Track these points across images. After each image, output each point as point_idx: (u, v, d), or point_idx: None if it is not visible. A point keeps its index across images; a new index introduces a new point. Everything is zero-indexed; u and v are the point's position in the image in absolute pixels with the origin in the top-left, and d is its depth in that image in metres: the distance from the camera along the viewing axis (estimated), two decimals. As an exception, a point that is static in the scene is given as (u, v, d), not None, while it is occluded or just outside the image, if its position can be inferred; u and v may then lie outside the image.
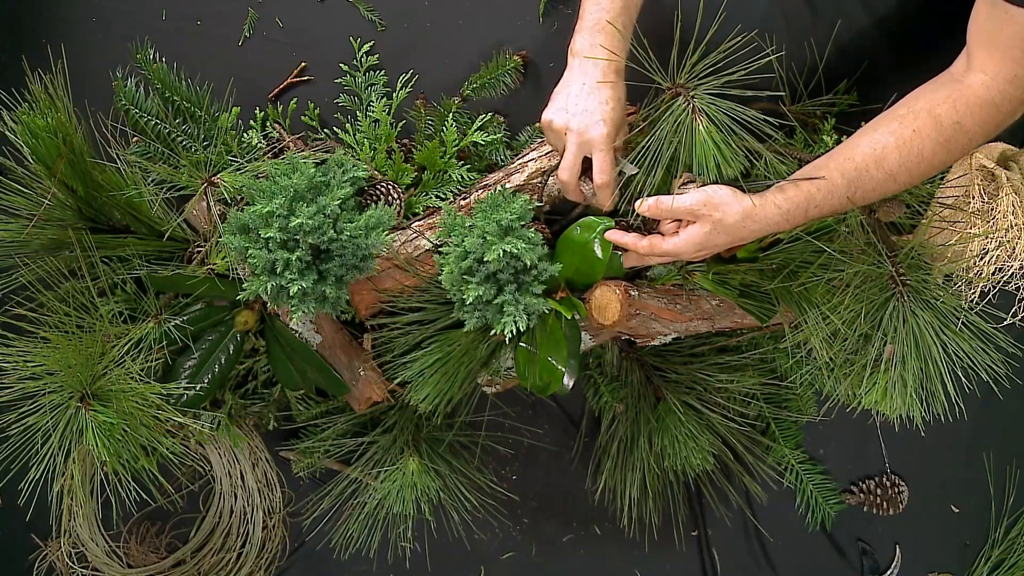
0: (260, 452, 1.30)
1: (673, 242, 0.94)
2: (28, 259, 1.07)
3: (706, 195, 0.91)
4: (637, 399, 1.25)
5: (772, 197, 0.90)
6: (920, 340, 0.93)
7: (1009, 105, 0.86)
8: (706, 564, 1.36)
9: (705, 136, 0.92)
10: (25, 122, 0.96)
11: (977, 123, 0.86)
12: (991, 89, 0.85)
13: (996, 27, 0.82)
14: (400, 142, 1.19)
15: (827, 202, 0.90)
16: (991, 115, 0.86)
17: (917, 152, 0.87)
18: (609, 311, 1.07)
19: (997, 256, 1.04)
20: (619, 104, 0.97)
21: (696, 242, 0.92)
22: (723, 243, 0.93)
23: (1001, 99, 0.85)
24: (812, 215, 0.91)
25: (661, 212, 0.94)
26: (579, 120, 0.96)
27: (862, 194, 0.90)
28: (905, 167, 0.88)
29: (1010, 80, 0.84)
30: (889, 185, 0.90)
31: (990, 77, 0.85)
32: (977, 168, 1.07)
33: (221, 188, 1.05)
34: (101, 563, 1.29)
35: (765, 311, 1.08)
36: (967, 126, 0.86)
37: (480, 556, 1.35)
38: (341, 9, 1.21)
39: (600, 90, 0.96)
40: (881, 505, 1.33)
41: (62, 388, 0.96)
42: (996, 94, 0.85)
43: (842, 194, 0.89)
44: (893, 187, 0.90)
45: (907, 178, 0.89)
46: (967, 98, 0.86)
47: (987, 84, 0.85)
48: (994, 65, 0.85)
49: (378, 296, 1.14)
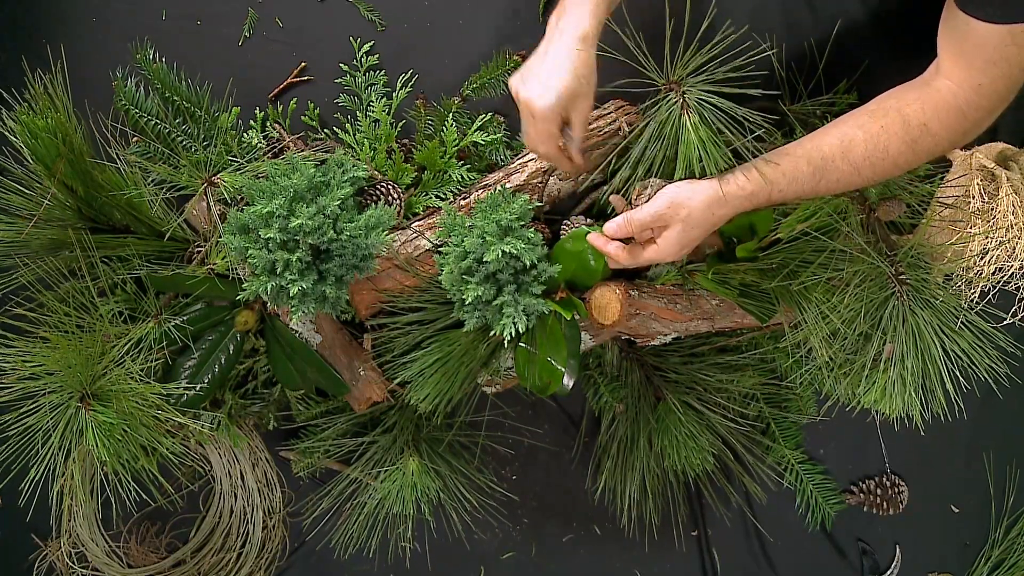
0: (260, 452, 1.30)
1: (653, 249, 0.95)
2: (28, 259, 1.07)
3: (667, 198, 0.92)
4: (637, 399, 1.25)
5: (736, 179, 0.90)
6: (920, 339, 0.93)
7: (975, 113, 0.86)
8: (706, 564, 1.36)
9: (692, 134, 0.92)
10: (25, 122, 0.96)
11: (943, 127, 0.87)
12: (958, 96, 0.86)
13: (960, 37, 0.83)
14: (400, 142, 1.19)
15: (791, 188, 0.90)
16: (957, 121, 0.86)
17: (883, 148, 0.88)
18: (609, 311, 1.07)
19: (997, 256, 1.04)
20: (576, 73, 0.91)
21: (673, 244, 0.94)
22: (700, 235, 0.94)
23: (967, 106, 0.86)
24: (775, 199, 0.91)
25: (631, 229, 0.95)
26: (528, 88, 0.92)
27: (826, 184, 0.90)
28: (870, 161, 0.88)
29: (975, 89, 0.84)
30: (853, 178, 0.90)
31: (956, 84, 0.85)
32: (977, 168, 1.07)
33: (221, 188, 1.05)
34: (101, 563, 1.29)
35: (765, 311, 1.08)
36: (933, 129, 0.87)
37: (480, 556, 1.35)
38: (341, 9, 1.21)
39: (557, 57, 0.91)
40: (881, 505, 1.33)
41: (62, 388, 0.96)
42: (963, 101, 0.86)
43: (806, 181, 0.90)
44: (857, 181, 0.90)
45: (871, 173, 0.89)
46: (935, 102, 0.87)
47: (954, 91, 0.86)
48: (960, 73, 0.85)
49: (378, 296, 1.14)
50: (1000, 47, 0.80)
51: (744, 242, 1.09)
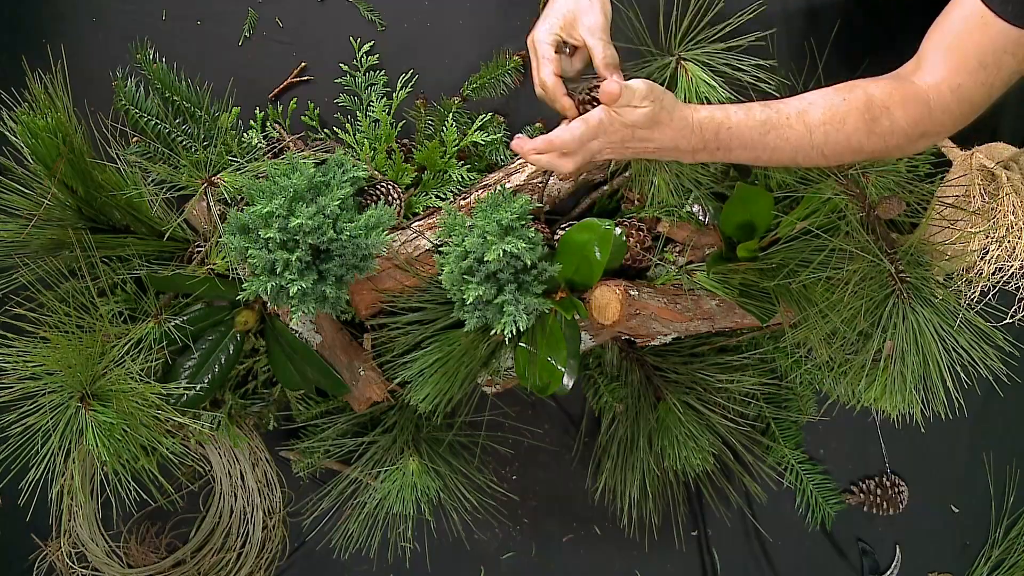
0: (260, 452, 1.30)
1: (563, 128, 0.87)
2: (28, 259, 1.07)
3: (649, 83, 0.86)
4: (637, 399, 1.25)
5: (692, 106, 0.87)
6: (920, 337, 0.93)
7: (941, 115, 0.85)
8: (706, 564, 1.36)
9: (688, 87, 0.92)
10: (25, 122, 0.96)
11: (905, 116, 0.85)
12: (930, 92, 0.85)
13: (966, 33, 0.82)
14: (400, 142, 1.19)
15: (739, 129, 0.86)
16: (921, 115, 0.85)
17: (840, 118, 0.86)
18: (609, 311, 1.07)
19: (997, 256, 1.04)
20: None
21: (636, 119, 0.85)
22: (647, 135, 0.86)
23: (936, 104, 0.85)
24: (722, 137, 0.86)
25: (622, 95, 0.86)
26: (536, 27, 0.92)
27: (775, 137, 0.86)
28: (823, 128, 0.86)
29: (953, 89, 0.84)
30: (804, 142, 0.87)
31: (934, 81, 0.85)
32: (977, 168, 1.07)
33: (221, 188, 1.05)
34: (101, 563, 1.29)
35: (765, 311, 1.08)
36: (895, 115, 0.85)
37: (480, 556, 1.35)
38: (341, 9, 1.21)
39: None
40: (881, 505, 1.33)
41: (62, 388, 0.96)
42: (934, 98, 0.85)
43: (756, 128, 0.86)
44: (807, 146, 0.87)
45: (822, 140, 0.87)
46: (904, 91, 0.86)
47: (929, 86, 0.85)
48: (944, 70, 0.84)
49: (378, 296, 1.14)
50: (1000, 52, 0.80)
51: (744, 242, 1.10)
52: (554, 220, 1.19)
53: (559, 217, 1.19)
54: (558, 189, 1.16)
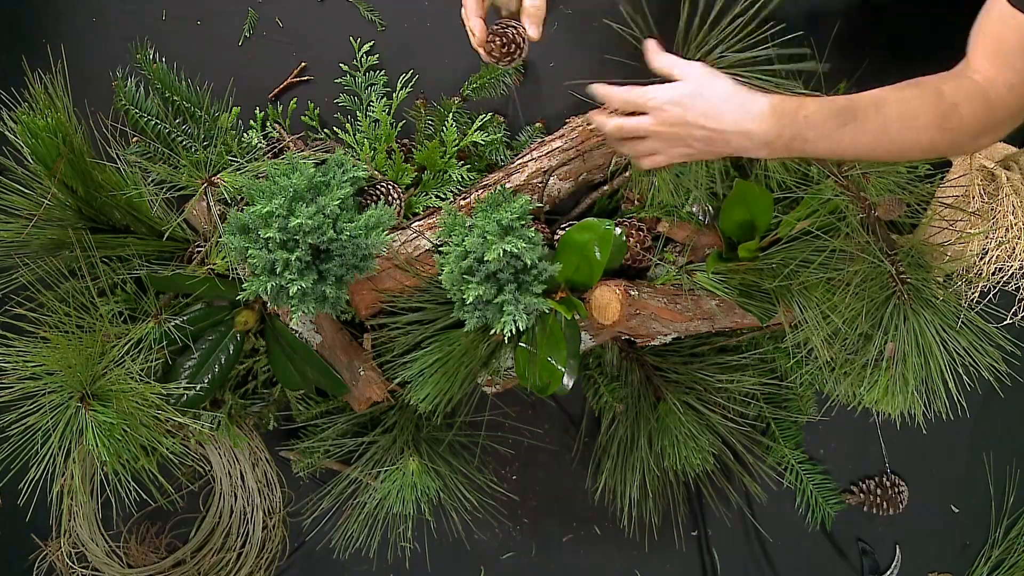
0: (260, 452, 1.30)
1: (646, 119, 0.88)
2: (28, 259, 1.07)
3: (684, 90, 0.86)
4: (637, 399, 1.25)
5: (761, 93, 0.87)
6: (921, 338, 0.93)
7: (1002, 111, 0.85)
8: (706, 564, 1.36)
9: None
10: (25, 122, 0.96)
11: (971, 113, 0.85)
12: (989, 90, 0.85)
13: (1005, 33, 0.82)
14: (400, 142, 1.19)
15: (817, 115, 0.85)
16: (985, 112, 0.85)
17: (913, 114, 0.85)
18: (609, 311, 1.07)
19: (997, 256, 1.04)
20: None
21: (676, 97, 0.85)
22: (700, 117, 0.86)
23: (997, 102, 0.85)
24: (799, 123, 0.85)
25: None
26: None
27: (852, 131, 0.85)
28: (898, 124, 0.85)
29: (1008, 87, 0.84)
30: (880, 138, 0.86)
31: (990, 78, 0.85)
32: (977, 168, 1.07)
33: (221, 188, 1.05)
34: (101, 563, 1.29)
35: (765, 311, 1.08)
36: (963, 112, 0.85)
37: (480, 556, 1.35)
38: (341, 9, 1.21)
39: None
40: (881, 505, 1.33)
41: (62, 388, 0.96)
42: (993, 96, 0.85)
43: (835, 116, 0.85)
44: (883, 142, 0.86)
45: (897, 135, 0.86)
46: (967, 88, 0.86)
47: (987, 83, 0.85)
48: (993, 71, 0.84)
49: (378, 296, 1.14)
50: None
51: (744, 242, 1.10)
52: (554, 220, 1.19)
53: (559, 217, 1.19)
54: (558, 189, 1.16)
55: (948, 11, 1.12)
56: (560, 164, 1.13)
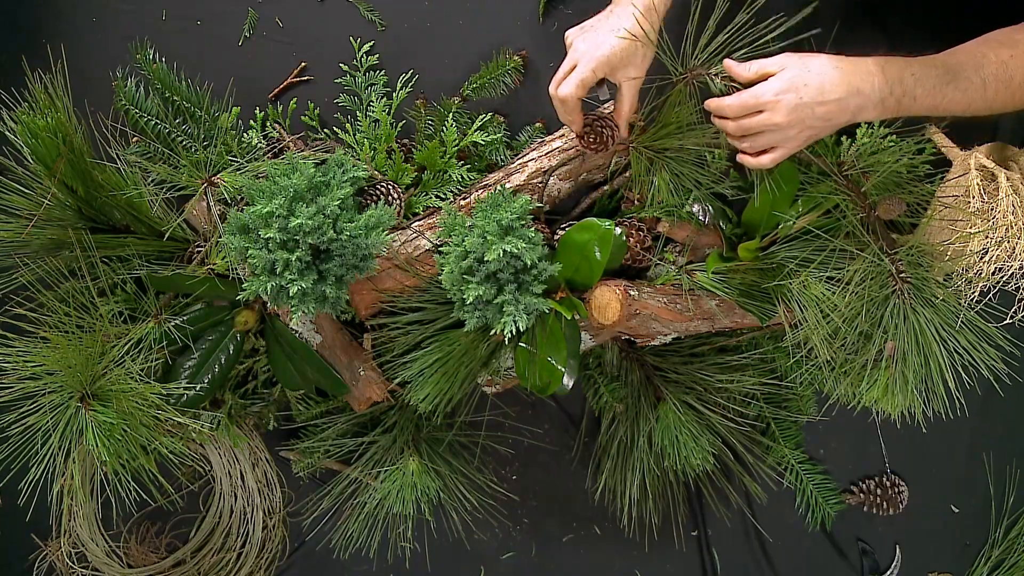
0: (260, 452, 1.30)
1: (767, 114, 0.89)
2: (28, 259, 1.07)
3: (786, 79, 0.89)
4: (637, 399, 1.25)
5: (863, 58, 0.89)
6: (921, 337, 0.93)
7: None
8: (706, 564, 1.36)
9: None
10: (25, 122, 0.96)
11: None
12: None
13: None
14: (400, 142, 1.19)
15: (923, 74, 0.87)
16: None
17: (1009, 75, 0.89)
18: (609, 311, 1.07)
19: (997, 256, 1.04)
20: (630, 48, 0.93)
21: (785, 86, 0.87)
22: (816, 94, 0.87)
23: None
24: (908, 81, 0.87)
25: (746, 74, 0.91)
26: (585, 38, 0.96)
27: (953, 89, 0.89)
28: (995, 84, 0.89)
29: None
30: (977, 96, 0.89)
31: None
32: (977, 168, 1.07)
33: (221, 188, 1.05)
34: (101, 563, 1.29)
35: (765, 311, 1.08)
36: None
37: (480, 556, 1.35)
38: (341, 9, 1.21)
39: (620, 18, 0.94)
40: (881, 505, 1.33)
41: (62, 388, 0.96)
42: None
43: (941, 75, 0.88)
44: (980, 100, 0.90)
45: (994, 92, 0.89)
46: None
47: None
48: None
49: (378, 296, 1.14)
50: None
51: (744, 241, 1.10)
52: (554, 220, 1.19)
53: (559, 217, 1.19)
54: (558, 189, 1.16)
55: (948, 11, 1.12)
56: (560, 164, 1.13)
